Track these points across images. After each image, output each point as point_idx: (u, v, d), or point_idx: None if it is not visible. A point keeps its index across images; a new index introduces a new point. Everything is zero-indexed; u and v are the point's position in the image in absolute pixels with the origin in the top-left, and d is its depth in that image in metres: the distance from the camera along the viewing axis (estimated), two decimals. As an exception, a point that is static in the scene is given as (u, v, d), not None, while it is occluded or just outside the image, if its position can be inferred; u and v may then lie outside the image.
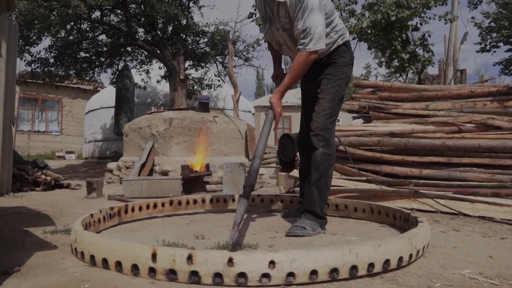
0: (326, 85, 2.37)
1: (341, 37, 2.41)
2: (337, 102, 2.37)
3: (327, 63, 2.40)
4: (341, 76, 2.40)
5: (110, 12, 9.65)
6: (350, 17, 7.68)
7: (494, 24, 13.30)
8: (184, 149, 5.32)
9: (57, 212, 3.04)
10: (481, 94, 4.00)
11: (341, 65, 2.40)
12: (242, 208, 1.87)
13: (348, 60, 2.45)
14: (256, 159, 2.07)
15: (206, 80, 11.84)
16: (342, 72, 2.40)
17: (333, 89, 2.36)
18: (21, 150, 14.41)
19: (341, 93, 2.41)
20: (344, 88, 2.44)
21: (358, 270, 1.37)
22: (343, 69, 2.41)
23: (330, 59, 2.40)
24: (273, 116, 2.25)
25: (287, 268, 1.29)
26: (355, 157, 3.74)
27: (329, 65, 2.40)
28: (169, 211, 2.84)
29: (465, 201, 2.92)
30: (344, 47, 2.43)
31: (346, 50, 2.44)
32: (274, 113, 2.25)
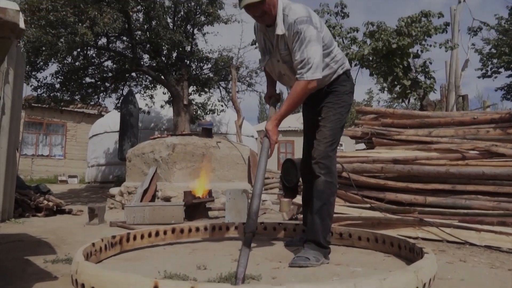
0: (327, 113, 2.39)
1: (341, 66, 2.45)
2: (338, 129, 2.38)
3: (327, 91, 2.43)
4: (342, 104, 2.42)
5: (116, 39, 9.86)
6: (351, 44, 7.81)
7: (494, 50, 13.46)
8: (186, 175, 5.32)
9: (58, 239, 3.01)
10: (483, 121, 4.00)
11: (341, 93, 2.43)
12: (244, 259, 1.71)
13: (349, 89, 2.48)
14: (255, 198, 1.97)
15: (209, 105, 11.95)
16: (343, 100, 2.43)
17: (334, 117, 2.38)
18: (24, 174, 14.43)
19: (342, 121, 2.42)
20: (345, 116, 2.46)
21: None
22: (343, 97, 2.43)
23: (330, 88, 2.43)
24: (268, 145, 2.21)
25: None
26: (359, 184, 3.72)
27: (330, 93, 2.43)
28: (171, 239, 2.81)
29: (471, 230, 2.88)
30: (344, 76, 2.47)
31: (346, 79, 2.48)
32: (269, 141, 2.22)
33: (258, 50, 2.70)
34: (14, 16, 1.21)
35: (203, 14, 9.79)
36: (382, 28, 7.23)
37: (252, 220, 1.92)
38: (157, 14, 8.97)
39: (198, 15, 9.85)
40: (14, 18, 1.21)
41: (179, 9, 9.70)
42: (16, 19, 1.25)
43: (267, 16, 2.25)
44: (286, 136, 19.71)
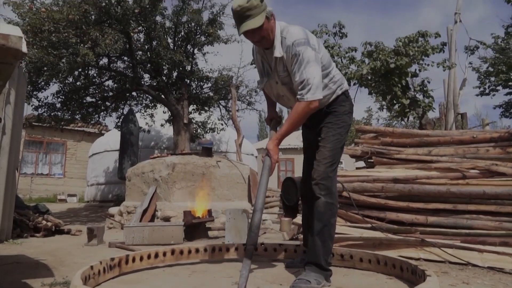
0: (326, 133, 2.40)
1: (340, 87, 2.47)
2: (338, 150, 2.39)
3: (327, 112, 2.45)
4: (341, 124, 2.43)
5: (117, 59, 9.96)
6: (350, 64, 7.89)
7: (492, 69, 13.58)
8: (186, 194, 5.30)
9: (56, 261, 2.98)
10: (483, 140, 4.02)
11: (341, 113, 2.45)
12: (246, 270, 1.77)
13: (348, 109, 2.49)
14: (256, 213, 2.01)
15: (209, 124, 11.99)
16: (342, 121, 2.44)
17: (334, 137, 2.38)
18: (23, 193, 14.37)
19: (342, 141, 2.43)
20: (345, 136, 2.46)
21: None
22: (343, 118, 2.45)
23: (330, 109, 2.45)
24: (270, 163, 2.24)
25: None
26: (359, 203, 3.71)
27: (329, 114, 2.45)
28: (171, 260, 2.78)
29: (473, 251, 2.85)
30: (343, 97, 2.49)
31: (345, 99, 2.50)
32: (271, 160, 2.25)
33: (257, 72, 2.73)
34: (17, 43, 1.23)
35: (203, 34, 9.92)
36: (380, 48, 7.33)
37: (253, 233, 1.97)
38: (158, 34, 9.09)
39: (198, 35, 9.98)
40: (16, 44, 1.23)
41: (180, 29, 9.84)
42: (18, 45, 1.26)
43: (266, 40, 2.29)
44: (286, 154, 19.71)
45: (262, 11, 2.20)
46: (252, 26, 2.17)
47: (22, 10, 7.52)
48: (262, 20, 2.19)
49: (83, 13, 7.63)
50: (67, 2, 7.70)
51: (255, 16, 2.17)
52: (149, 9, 8.36)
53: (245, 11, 2.15)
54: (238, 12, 2.17)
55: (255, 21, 2.17)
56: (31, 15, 7.37)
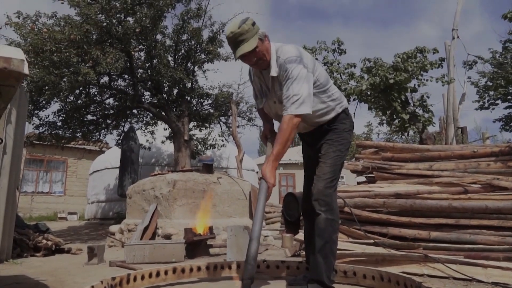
0: (327, 149, 2.41)
1: (339, 105, 2.50)
2: (338, 166, 2.39)
3: (327, 129, 2.47)
4: (341, 141, 2.44)
5: (118, 77, 10.05)
6: (349, 80, 7.96)
7: (490, 83, 13.67)
8: (187, 212, 5.27)
9: (56, 281, 2.95)
10: (483, 154, 4.02)
11: (341, 131, 2.47)
12: None
13: (348, 126, 2.52)
14: (253, 242, 1.90)
15: (210, 140, 12.02)
16: (343, 138, 2.46)
17: (334, 153, 2.39)
18: (24, 212, 14.31)
19: (342, 158, 2.43)
20: (345, 153, 2.47)
21: None
22: (343, 135, 2.46)
23: (330, 126, 2.47)
24: (266, 188, 2.17)
25: None
26: (361, 219, 3.69)
27: (329, 131, 2.47)
28: (172, 279, 2.76)
29: (477, 266, 2.83)
30: (343, 114, 2.51)
31: (345, 117, 2.52)
32: (267, 184, 2.18)
33: (252, 96, 2.76)
34: (19, 65, 1.25)
35: (203, 52, 10.03)
36: (379, 64, 7.40)
37: (250, 265, 1.85)
38: (158, 53, 9.20)
39: (199, 53, 10.10)
40: (18, 67, 1.25)
41: (180, 47, 9.96)
42: (20, 68, 1.28)
43: (262, 61, 2.33)
44: (287, 169, 19.69)
45: (255, 34, 2.25)
46: (246, 49, 2.21)
47: (24, 30, 7.63)
48: (255, 43, 2.23)
49: (84, 33, 7.73)
50: (69, 22, 7.82)
51: (248, 39, 2.22)
52: (150, 28, 8.48)
53: (237, 36, 2.21)
54: (231, 38, 2.23)
55: (248, 44, 2.22)
56: (33, 35, 7.47)
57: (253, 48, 2.22)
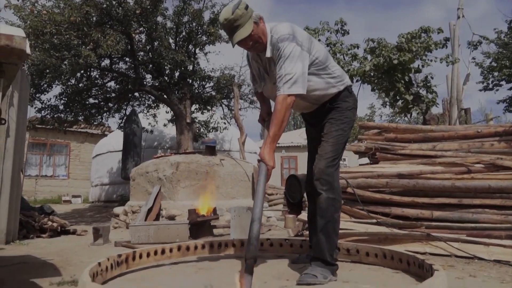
0: (329, 128, 2.38)
1: (341, 82, 2.44)
2: (340, 145, 2.37)
3: (330, 108, 2.43)
4: (344, 120, 2.41)
5: (119, 60, 9.99)
6: (352, 61, 7.88)
7: (495, 64, 13.52)
8: (191, 193, 5.31)
9: (63, 261, 2.99)
10: (487, 134, 4.00)
11: (344, 109, 2.42)
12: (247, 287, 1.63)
13: (352, 105, 2.47)
14: (254, 223, 1.89)
15: (212, 123, 12.00)
16: (346, 116, 2.42)
17: (336, 132, 2.36)
18: (28, 195, 14.43)
19: (345, 137, 2.41)
20: (348, 132, 2.44)
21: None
22: (346, 113, 2.42)
23: (333, 104, 2.43)
24: (266, 170, 2.13)
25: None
26: (364, 199, 3.70)
27: (332, 110, 2.43)
28: (177, 257, 2.79)
29: (479, 244, 2.85)
30: (346, 92, 2.46)
31: (348, 95, 2.47)
32: (266, 167, 2.14)
33: (250, 80, 2.72)
34: (21, 43, 1.24)
35: (205, 34, 9.92)
36: (383, 44, 7.31)
37: (253, 246, 1.85)
38: (159, 35, 9.11)
39: (200, 35, 9.99)
40: (21, 44, 1.24)
41: (181, 29, 9.85)
42: (23, 46, 1.27)
43: (259, 44, 2.30)
44: (289, 152, 19.71)
45: (249, 18, 2.21)
46: (243, 35, 2.18)
47: (23, 13, 7.55)
48: (251, 27, 2.20)
49: (84, 15, 7.65)
50: (68, 4, 7.73)
51: (244, 24, 2.19)
52: (150, 9, 8.37)
53: (232, 22, 2.18)
54: (226, 25, 2.21)
55: (244, 29, 2.19)
56: (33, 17, 7.40)
57: (249, 33, 2.19)
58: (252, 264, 1.79)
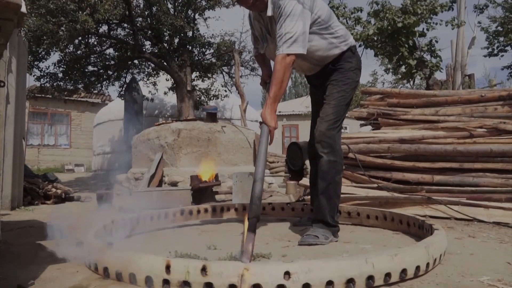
0: (331, 90, 2.35)
1: (344, 42, 2.38)
2: (342, 107, 2.33)
3: (332, 69, 2.38)
4: (346, 81, 2.36)
5: (117, 26, 9.79)
6: (356, 25, 7.70)
7: (501, 28, 13.23)
8: (193, 160, 5.32)
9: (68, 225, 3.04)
10: (491, 98, 3.96)
11: (347, 70, 2.37)
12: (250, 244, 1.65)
13: (355, 65, 2.41)
14: (257, 183, 1.90)
15: (213, 91, 11.91)
16: (348, 77, 2.37)
17: (338, 94, 2.32)
18: (31, 164, 14.54)
19: (347, 99, 2.36)
20: (350, 93, 2.39)
21: (375, 280, 1.35)
22: (348, 74, 2.37)
23: (336, 65, 2.37)
24: (268, 131, 2.11)
25: (303, 279, 1.27)
26: (365, 164, 3.71)
27: (335, 71, 2.37)
28: (181, 220, 2.83)
29: (479, 207, 2.88)
30: (349, 53, 2.40)
31: (351, 55, 2.41)
32: (268, 128, 2.12)
33: (251, 42, 2.67)
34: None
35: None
36: (387, 7, 7.10)
37: (255, 205, 1.86)
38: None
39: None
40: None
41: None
42: (18, 0, 1.23)
43: (260, 2, 2.22)
44: (290, 121, 19.65)
45: None
46: None
47: (17, -24, 7.33)
48: None
49: (80, -22, 7.44)
50: (63, -33, 7.49)
51: None
52: (148, -28, 8.13)
53: None
54: None
55: None
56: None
57: None
58: (254, 222, 1.80)
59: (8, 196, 4.09)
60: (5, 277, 1.56)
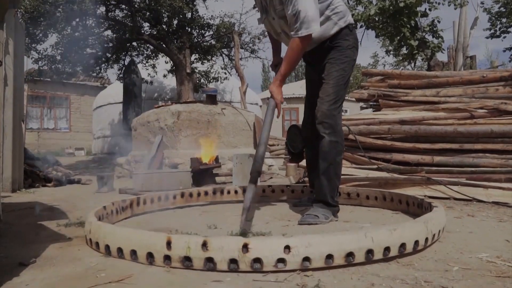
0: (329, 69, 2.32)
1: (343, 19, 2.34)
2: (341, 86, 2.31)
3: (330, 47, 2.35)
4: (344, 60, 2.33)
5: (114, 7, 9.65)
6: (357, 5, 7.58)
7: (504, 9, 13.06)
8: (193, 142, 5.32)
9: (69, 206, 3.06)
10: (492, 79, 3.93)
11: (344, 48, 2.34)
12: (250, 193, 1.91)
13: (352, 43, 2.38)
14: (261, 146, 2.12)
15: (212, 73, 11.82)
16: (346, 56, 2.34)
17: (337, 73, 2.30)
18: (31, 148, 14.51)
19: (346, 77, 2.34)
20: (349, 72, 2.37)
21: (374, 254, 1.36)
22: (346, 52, 2.34)
23: (333, 43, 2.34)
24: (274, 105, 2.24)
25: (303, 252, 1.28)
26: (365, 146, 3.71)
27: (332, 49, 2.34)
28: (181, 203, 2.85)
29: (478, 187, 2.89)
30: (347, 30, 2.36)
31: (349, 33, 2.37)
32: (275, 101, 2.24)
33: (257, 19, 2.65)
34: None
35: (203, -21, 9.53)
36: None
37: (258, 163, 2.07)
38: (156, -21, 8.74)
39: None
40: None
41: (178, -27, 9.42)
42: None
43: None
44: (290, 104, 19.57)
45: None
46: None
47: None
48: None
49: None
50: None
51: None
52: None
53: None
54: None
55: None
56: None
57: None
58: (256, 176, 2.04)
59: (9, 178, 4.10)
60: (6, 255, 1.58)
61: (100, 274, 1.31)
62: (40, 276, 1.32)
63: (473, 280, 1.22)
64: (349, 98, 4.71)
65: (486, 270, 1.31)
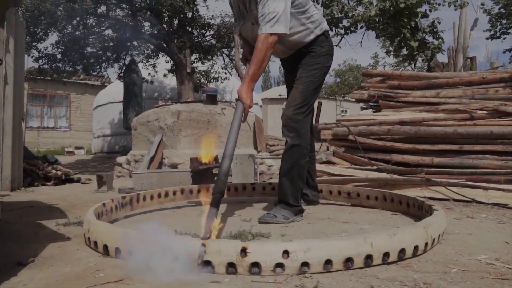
0: (300, 74, 2.37)
1: (319, 27, 2.39)
2: (310, 92, 2.34)
3: (305, 53, 2.39)
4: (316, 66, 2.37)
5: (115, 6, 9.65)
6: (357, 6, 7.58)
7: (504, 10, 13.06)
8: (192, 142, 5.32)
9: (68, 205, 3.06)
10: (492, 80, 3.93)
11: (318, 55, 2.39)
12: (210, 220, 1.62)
13: (326, 50, 2.42)
14: (225, 159, 1.89)
15: (213, 73, 11.82)
16: (318, 62, 2.38)
17: (307, 78, 2.34)
18: (31, 146, 14.54)
19: (316, 83, 2.37)
20: (320, 78, 2.39)
21: (373, 259, 1.35)
22: (319, 59, 2.39)
23: (308, 49, 2.39)
24: (242, 109, 2.10)
25: (301, 257, 1.28)
26: (365, 147, 3.71)
27: (306, 54, 2.39)
28: (181, 199, 2.85)
29: (478, 189, 2.89)
30: (322, 37, 2.42)
31: (324, 39, 2.43)
32: (243, 105, 2.11)
33: (233, 16, 2.65)
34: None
35: (204, -22, 9.52)
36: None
37: (221, 181, 1.86)
38: (157, -22, 8.74)
39: (199, -21, 9.59)
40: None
41: (179, -27, 9.42)
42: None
43: None
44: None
45: None
46: None
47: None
48: None
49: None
50: None
51: None
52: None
53: None
54: None
55: None
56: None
57: None
58: (218, 198, 1.80)
59: (8, 177, 4.10)
60: (4, 254, 1.57)
61: (98, 274, 1.31)
62: (39, 276, 1.31)
63: (472, 282, 1.22)
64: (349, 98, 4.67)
65: (485, 272, 1.31)
